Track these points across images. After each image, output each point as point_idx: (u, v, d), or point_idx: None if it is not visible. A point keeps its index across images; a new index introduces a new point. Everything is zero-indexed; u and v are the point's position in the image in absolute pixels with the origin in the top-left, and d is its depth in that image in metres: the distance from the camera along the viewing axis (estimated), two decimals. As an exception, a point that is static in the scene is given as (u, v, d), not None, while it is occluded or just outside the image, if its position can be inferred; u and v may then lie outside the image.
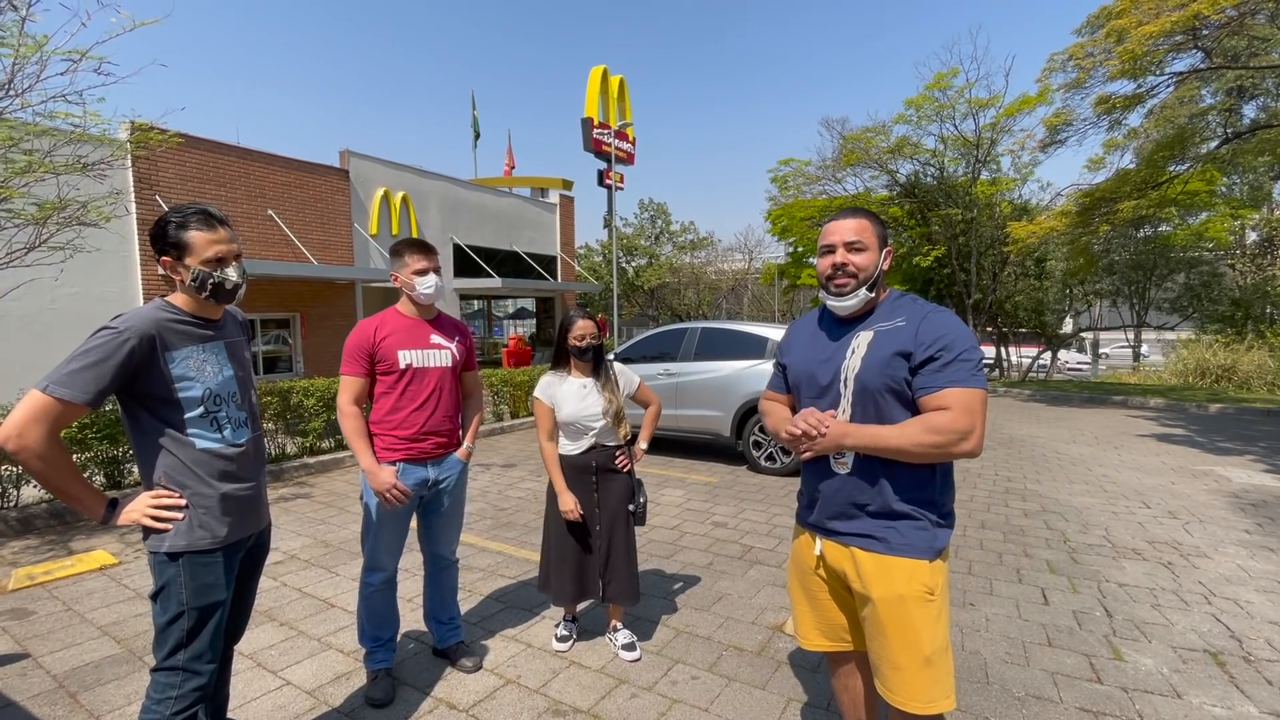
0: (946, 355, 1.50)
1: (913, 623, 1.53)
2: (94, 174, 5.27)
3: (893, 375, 1.55)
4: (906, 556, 1.55)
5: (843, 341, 1.66)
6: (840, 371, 1.62)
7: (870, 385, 1.56)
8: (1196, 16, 8.87)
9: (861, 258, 1.61)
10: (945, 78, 15.64)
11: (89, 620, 3.17)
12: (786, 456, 6.28)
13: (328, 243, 13.48)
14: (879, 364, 1.56)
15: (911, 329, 1.56)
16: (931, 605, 1.54)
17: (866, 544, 1.60)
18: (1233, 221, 17.91)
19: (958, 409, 1.46)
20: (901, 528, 1.57)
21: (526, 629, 3.08)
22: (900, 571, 1.55)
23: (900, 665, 1.55)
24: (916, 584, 1.54)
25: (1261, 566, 3.88)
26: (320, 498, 5.51)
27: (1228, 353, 14.73)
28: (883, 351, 1.57)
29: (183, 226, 1.64)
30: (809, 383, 1.70)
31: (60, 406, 1.49)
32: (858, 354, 1.60)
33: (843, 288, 1.62)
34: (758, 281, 33.71)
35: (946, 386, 1.49)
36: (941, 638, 1.55)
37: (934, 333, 1.53)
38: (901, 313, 1.62)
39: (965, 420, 1.46)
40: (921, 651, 1.53)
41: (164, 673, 1.64)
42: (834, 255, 1.63)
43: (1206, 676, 2.65)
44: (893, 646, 1.55)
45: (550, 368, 2.86)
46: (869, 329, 1.63)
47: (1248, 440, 8.12)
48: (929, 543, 1.57)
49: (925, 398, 1.52)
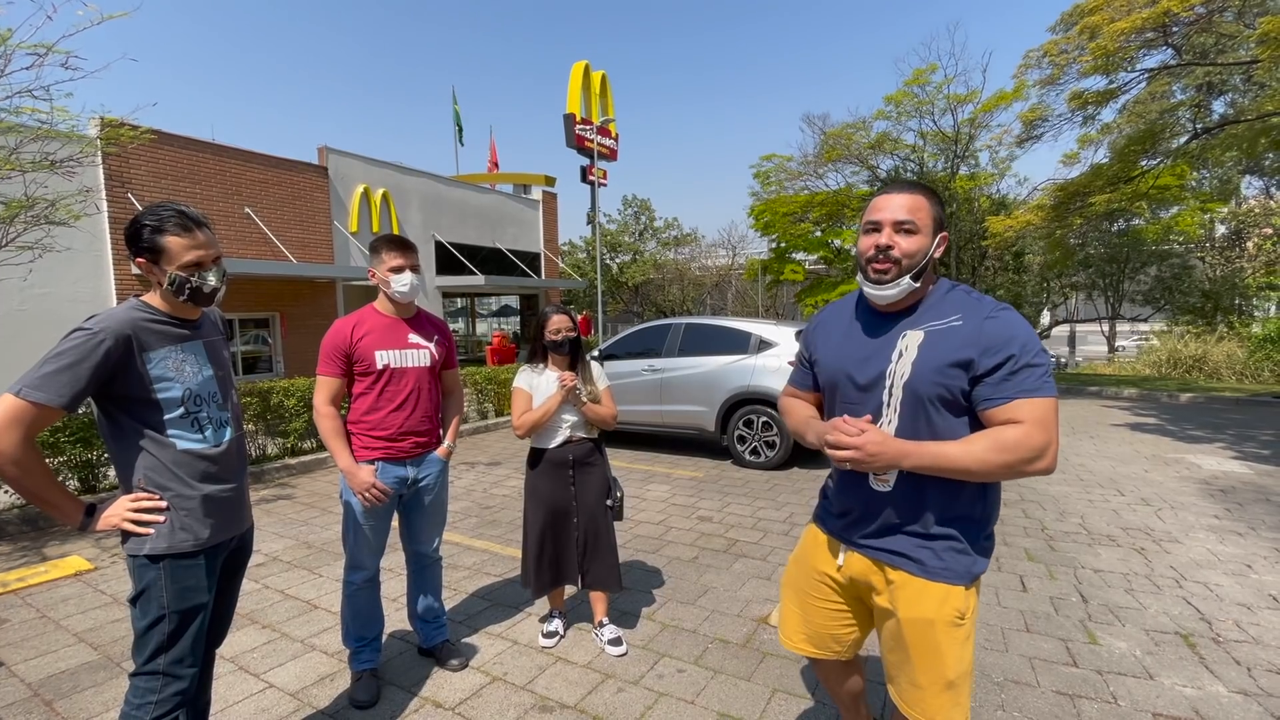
0: (1015, 362, 1.32)
1: (939, 647, 1.42)
2: (62, 171, 5.15)
3: (948, 385, 1.36)
4: (943, 581, 1.42)
5: (886, 339, 1.45)
6: (885, 376, 1.42)
7: (922, 394, 1.38)
8: (1166, 13, 9.06)
9: (911, 241, 1.39)
10: (924, 74, 15.83)
11: (64, 627, 3.10)
12: (771, 451, 6.34)
13: (307, 241, 13.29)
14: (933, 370, 1.37)
15: (971, 330, 1.36)
16: (960, 630, 1.42)
17: (901, 563, 1.46)
18: (1202, 215, 18.38)
19: (1031, 422, 1.29)
20: (939, 549, 1.43)
21: (512, 626, 3.08)
22: (933, 596, 1.42)
23: (921, 685, 1.44)
24: (948, 609, 1.41)
25: (1230, 550, 3.99)
26: (302, 499, 5.45)
27: (1198, 343, 15.11)
28: (937, 355, 1.37)
29: (159, 230, 1.59)
30: (846, 384, 1.51)
31: (35, 410, 1.45)
32: (907, 357, 1.40)
33: (883, 274, 1.40)
34: (741, 277, 33.83)
35: (1016, 397, 1.31)
36: (967, 661, 1.44)
37: (1000, 336, 1.34)
38: (956, 309, 1.41)
39: (1040, 436, 1.28)
40: (945, 675, 1.42)
41: (144, 677, 1.61)
42: (879, 235, 1.41)
43: (1178, 658, 2.73)
44: (915, 667, 1.45)
45: (528, 363, 2.85)
46: (918, 328, 1.42)
47: (1217, 428, 8.34)
48: (968, 568, 1.43)
49: (991, 410, 1.33)
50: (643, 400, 7.08)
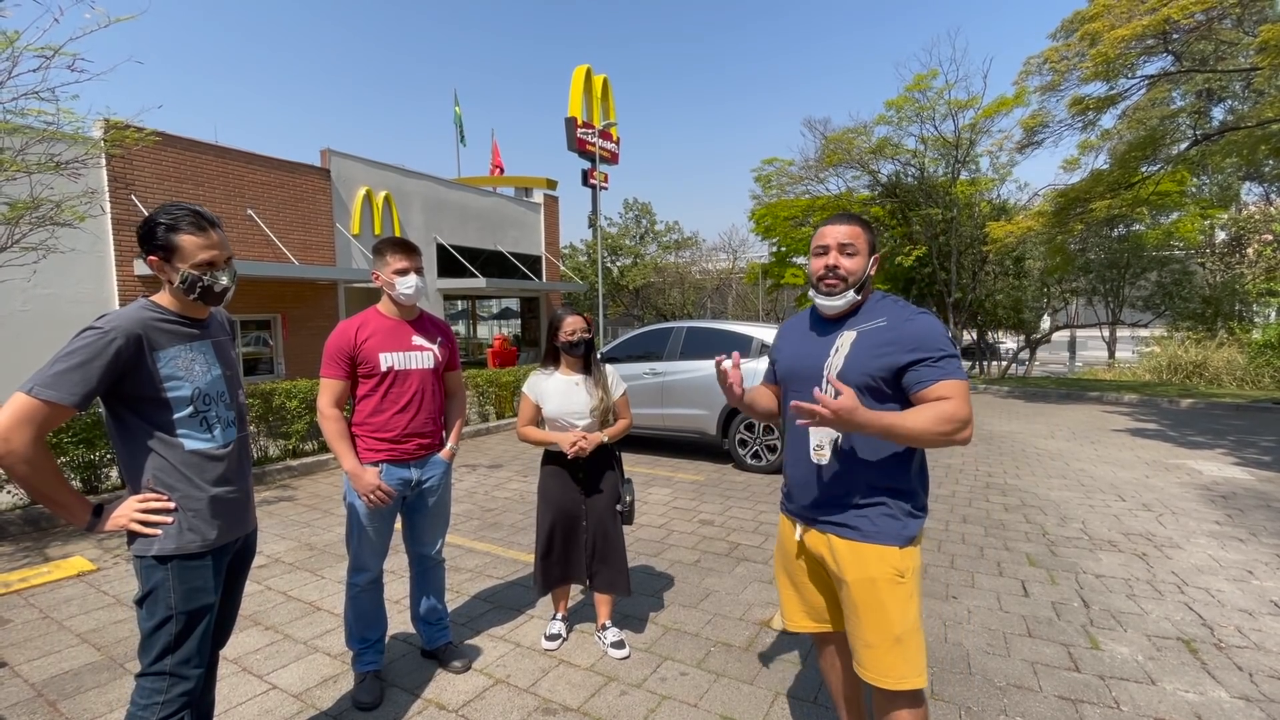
0: (935, 353, 1.60)
1: (883, 603, 1.62)
2: (67, 173, 5.17)
3: (872, 374, 1.63)
4: (877, 543, 1.65)
5: (828, 339, 1.75)
6: (823, 369, 1.71)
7: (851, 382, 1.63)
8: (1166, 21, 9.10)
9: (852, 261, 1.70)
10: (925, 79, 15.85)
11: (67, 628, 3.11)
12: (772, 455, 6.34)
13: (309, 243, 13.30)
14: (859, 362, 1.66)
15: (894, 330, 1.65)
16: (902, 587, 1.63)
17: (842, 531, 1.69)
18: (1202, 221, 18.39)
19: (959, 398, 1.56)
20: (873, 515, 1.66)
21: (515, 629, 3.08)
22: (871, 556, 1.64)
23: (872, 643, 1.63)
24: (887, 567, 1.63)
25: (1231, 556, 3.99)
26: (304, 500, 5.45)
27: (1199, 349, 15.11)
28: (864, 351, 1.66)
29: (173, 229, 1.61)
30: (794, 378, 1.81)
31: (46, 409, 1.46)
32: (840, 353, 1.69)
33: (833, 288, 1.71)
34: (742, 281, 33.86)
35: (943, 379, 1.58)
36: (912, 618, 1.63)
37: (919, 335, 1.62)
38: (883, 313, 1.70)
39: (965, 409, 1.57)
40: (892, 631, 1.61)
41: (150, 678, 1.62)
42: (827, 257, 1.71)
43: (1180, 663, 2.74)
44: (865, 626, 1.64)
45: (540, 365, 2.86)
46: (852, 329, 1.71)
47: (1217, 434, 8.34)
48: (899, 530, 1.65)
49: (923, 390, 1.59)
50: (644, 404, 7.09)
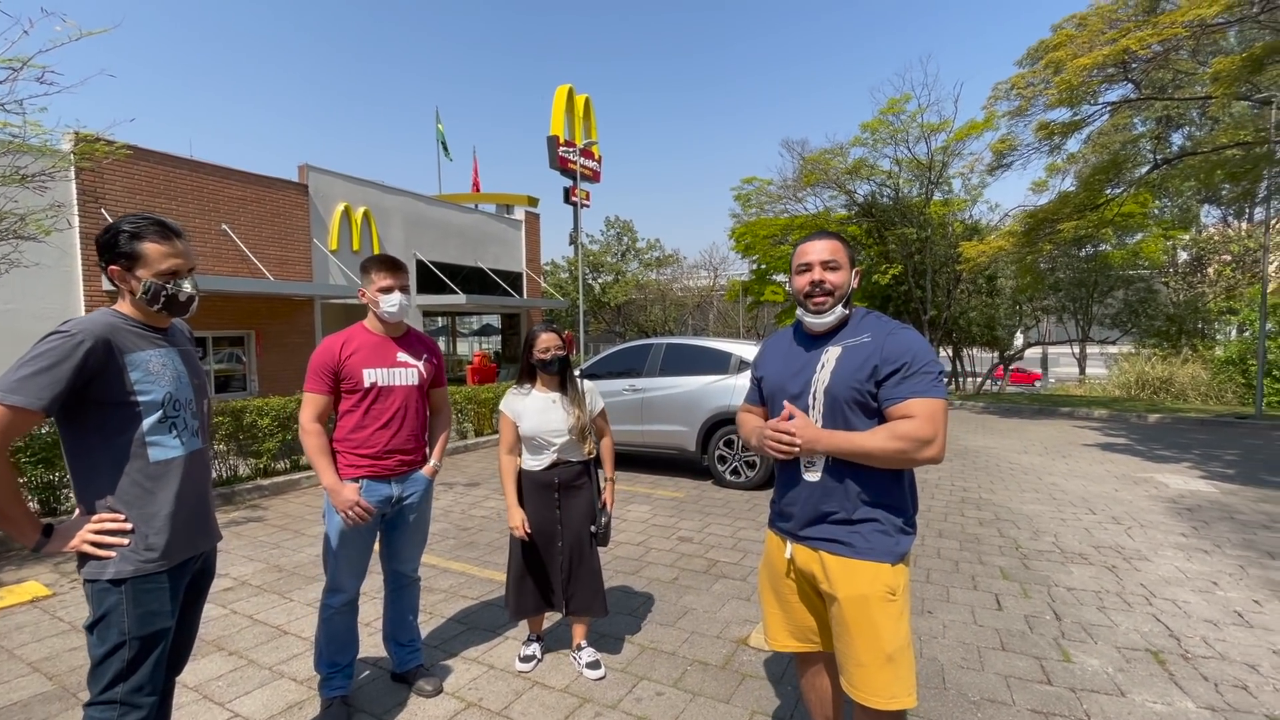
0: (909, 369, 1.60)
1: (875, 621, 1.60)
2: (34, 186, 5.07)
3: (858, 388, 1.64)
4: (870, 560, 1.63)
5: (814, 355, 1.74)
6: (811, 384, 1.71)
7: (839, 397, 1.65)
8: (1125, 51, 9.49)
9: (837, 276, 1.71)
10: (898, 103, 16.30)
11: (18, 656, 2.97)
12: (752, 471, 6.35)
13: (285, 258, 13.13)
14: (847, 378, 1.65)
15: (877, 345, 1.66)
16: (893, 605, 1.62)
17: (833, 548, 1.68)
18: (1165, 242, 19.04)
19: (921, 417, 1.56)
20: (866, 532, 1.65)
21: (489, 650, 3.02)
22: (864, 573, 1.63)
23: (864, 662, 1.62)
24: (879, 585, 1.62)
25: (1197, 568, 4.08)
26: (274, 521, 5.32)
27: (1165, 365, 15.56)
28: (850, 366, 1.66)
29: (136, 236, 1.59)
30: (781, 395, 1.78)
31: (12, 415, 1.41)
32: (827, 368, 1.69)
33: (821, 305, 1.71)
34: (723, 298, 34.17)
35: (910, 397, 1.58)
36: (903, 636, 1.62)
37: (898, 349, 1.63)
38: (867, 329, 1.71)
39: (929, 428, 1.55)
40: (884, 649, 1.60)
41: (99, 707, 1.55)
42: (811, 273, 1.72)
43: (1148, 675, 2.77)
44: (856, 644, 1.63)
45: (515, 383, 2.85)
46: (837, 344, 1.72)
47: (1183, 448, 8.56)
48: (891, 547, 1.64)
49: (890, 407, 1.60)
50: (623, 420, 7.07)
